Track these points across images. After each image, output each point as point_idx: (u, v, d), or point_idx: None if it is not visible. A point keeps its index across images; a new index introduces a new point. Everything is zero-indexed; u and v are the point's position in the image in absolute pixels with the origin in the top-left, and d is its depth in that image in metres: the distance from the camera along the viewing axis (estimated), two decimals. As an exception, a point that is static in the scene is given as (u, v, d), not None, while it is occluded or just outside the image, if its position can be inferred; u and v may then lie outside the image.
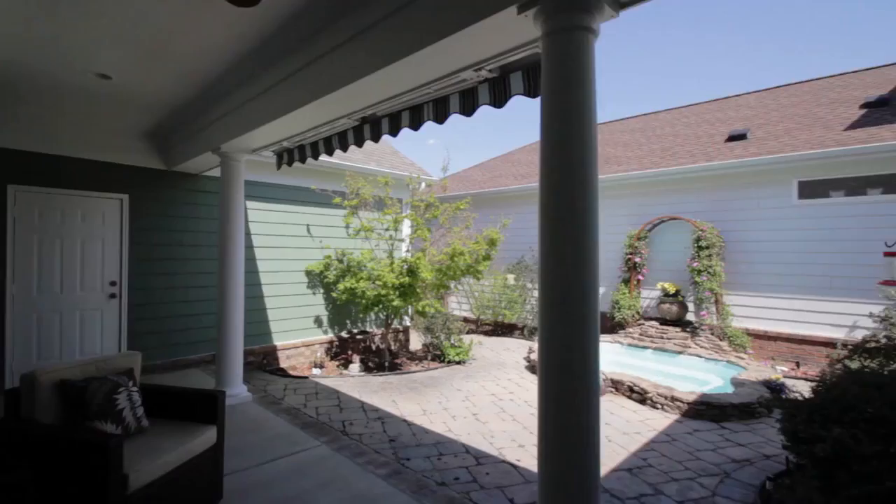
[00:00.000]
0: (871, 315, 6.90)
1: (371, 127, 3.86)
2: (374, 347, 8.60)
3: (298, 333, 7.81)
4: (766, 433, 4.83)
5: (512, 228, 9.45)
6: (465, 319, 10.92)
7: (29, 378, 2.83)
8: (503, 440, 4.61)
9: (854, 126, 7.79)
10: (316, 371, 7.09)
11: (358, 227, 7.59)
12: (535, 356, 7.60)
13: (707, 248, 8.25)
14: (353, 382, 6.61)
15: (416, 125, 3.61)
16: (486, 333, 11.28)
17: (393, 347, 8.94)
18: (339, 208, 8.17)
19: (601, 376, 6.50)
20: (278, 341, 7.57)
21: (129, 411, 3.04)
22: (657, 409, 5.60)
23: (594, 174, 2.39)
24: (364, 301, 7.18)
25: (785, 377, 6.80)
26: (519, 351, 9.23)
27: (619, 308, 9.25)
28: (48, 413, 2.83)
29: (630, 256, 9.37)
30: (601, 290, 10.44)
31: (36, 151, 5.86)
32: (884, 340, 7.01)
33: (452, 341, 8.36)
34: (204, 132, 5.41)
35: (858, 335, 7.20)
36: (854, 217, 7.33)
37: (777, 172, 8.00)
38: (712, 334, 8.12)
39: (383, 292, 6.70)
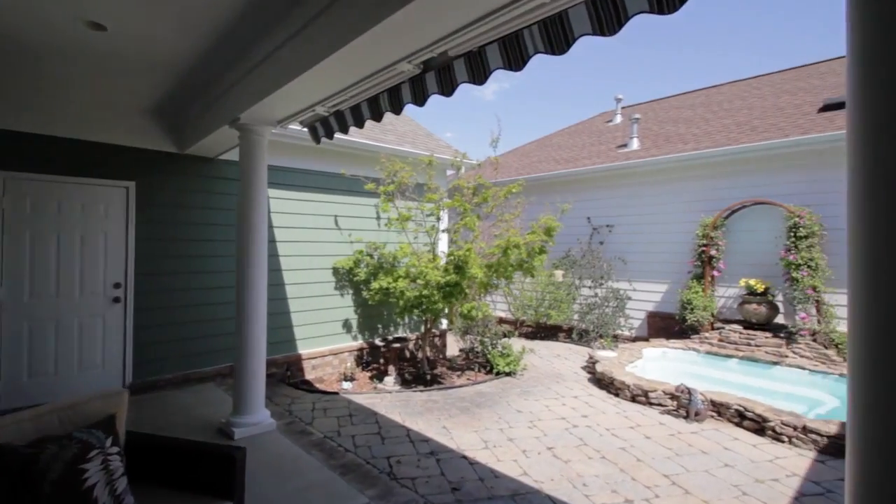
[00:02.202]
0: None
1: (439, 74, 2.76)
2: (408, 355, 7.57)
3: (325, 340, 6.84)
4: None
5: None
6: (501, 320, 9.80)
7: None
8: (599, 489, 3.50)
9: None
10: (346, 385, 6.10)
11: (395, 217, 6.56)
12: (600, 367, 6.44)
13: (807, 237, 6.92)
14: (391, 400, 5.58)
15: (485, 73, 2.53)
16: (527, 336, 10.14)
17: (429, 354, 7.90)
18: (370, 196, 7.15)
19: (698, 396, 5.32)
20: (303, 349, 6.61)
21: (104, 488, 2.04)
22: (782, 441, 4.38)
23: None
24: (402, 303, 6.15)
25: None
26: (572, 359, 8.07)
27: (691, 309, 7.97)
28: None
29: (704, 248, 8.07)
30: (664, 287, 9.19)
31: (27, 132, 5.01)
32: None
33: (500, 348, 7.26)
34: (220, 101, 4.42)
35: None
36: None
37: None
38: (814, 341, 6.79)
39: (425, 292, 5.63)
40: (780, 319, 7.52)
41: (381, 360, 7.17)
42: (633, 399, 5.63)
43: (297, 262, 6.55)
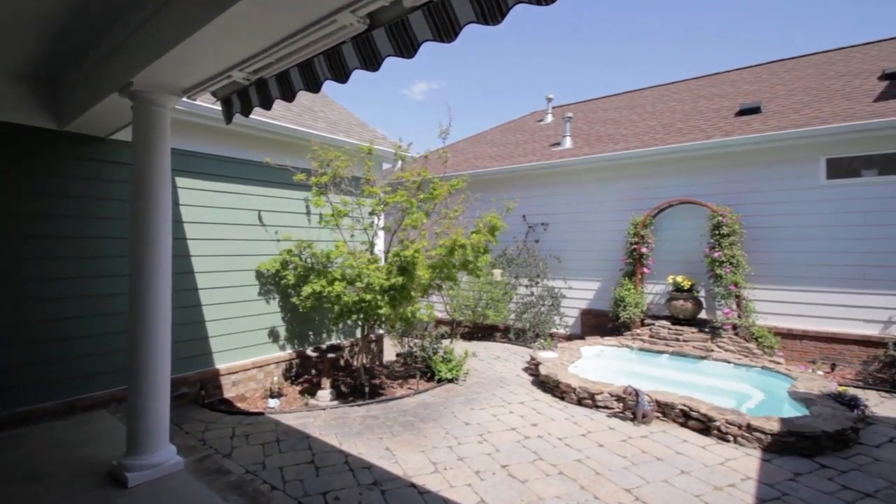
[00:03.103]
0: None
1: (391, 32, 2.22)
2: (343, 364, 6.95)
3: (248, 351, 6.03)
4: (881, 471, 3.76)
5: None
6: (439, 321, 9.46)
7: None
8: (563, 513, 3.23)
9: (884, 97, 7.03)
10: (272, 402, 5.38)
11: (328, 213, 5.90)
12: (544, 369, 6.29)
13: (729, 235, 7.27)
14: (326, 418, 4.98)
15: (455, 28, 2.07)
16: (465, 337, 9.90)
17: (366, 362, 7.34)
18: (300, 189, 6.43)
19: (645, 398, 5.30)
20: (222, 363, 5.76)
21: None
22: (728, 441, 4.43)
23: None
24: (338, 308, 5.55)
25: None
26: (512, 360, 7.92)
27: (623, 306, 8.14)
28: None
29: (635, 246, 8.27)
30: (597, 284, 9.36)
31: None
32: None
33: (442, 353, 6.89)
34: (108, 62, 3.49)
35: (895, 332, 6.49)
36: (890, 199, 6.56)
37: (803, 149, 7.13)
38: (736, 335, 7.17)
39: (367, 297, 5.08)
40: (703, 315, 7.89)
41: (314, 372, 6.49)
42: (580, 402, 5.52)
43: (213, 262, 5.67)
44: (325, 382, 5.64)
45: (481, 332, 10.29)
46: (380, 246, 7.25)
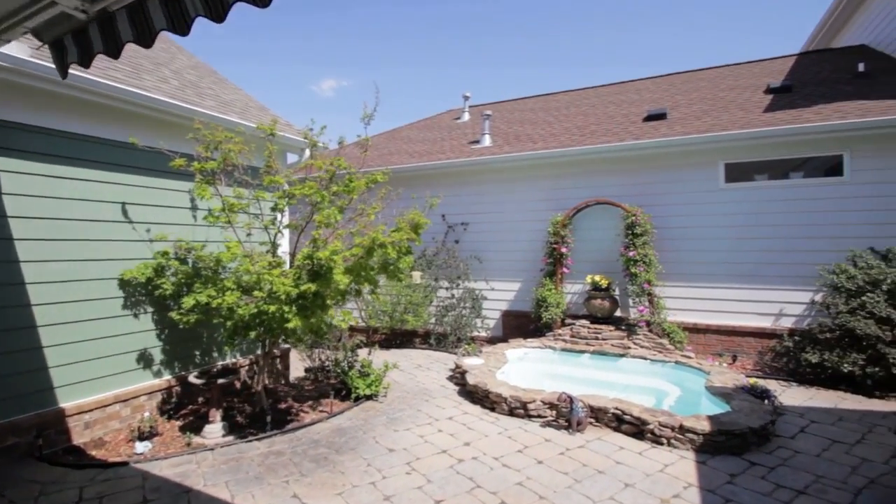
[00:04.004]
0: (812, 302, 6.73)
1: None
2: (239, 387, 5.92)
3: (109, 382, 4.79)
4: (804, 464, 3.82)
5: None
6: (353, 330, 8.68)
7: None
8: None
9: (771, 109, 7.67)
10: (141, 447, 4.26)
11: (218, 207, 4.89)
12: (471, 378, 5.86)
13: (642, 234, 7.44)
14: (215, 462, 4.02)
15: None
16: (381, 345, 9.20)
17: (269, 383, 6.35)
18: (181, 178, 5.32)
19: (579, 404, 5.04)
20: (69, 400, 4.48)
21: None
22: (662, 444, 4.29)
23: None
24: (231, 324, 4.58)
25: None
26: (435, 368, 7.42)
27: (545, 307, 8.02)
28: None
29: (555, 246, 8.21)
30: (517, 285, 9.21)
31: None
32: (817, 327, 6.97)
33: (359, 366, 6.15)
34: None
35: (785, 323, 7.04)
36: (777, 201, 7.14)
37: (705, 153, 7.53)
38: (650, 331, 7.34)
39: (271, 308, 4.19)
40: (619, 313, 8.04)
41: (201, 401, 5.39)
42: (511, 413, 5.14)
43: (55, 270, 4.39)
44: (215, 413, 4.63)
45: (399, 338, 9.66)
46: (285, 247, 6.33)
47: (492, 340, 9.00)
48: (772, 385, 6.07)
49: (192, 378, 4.74)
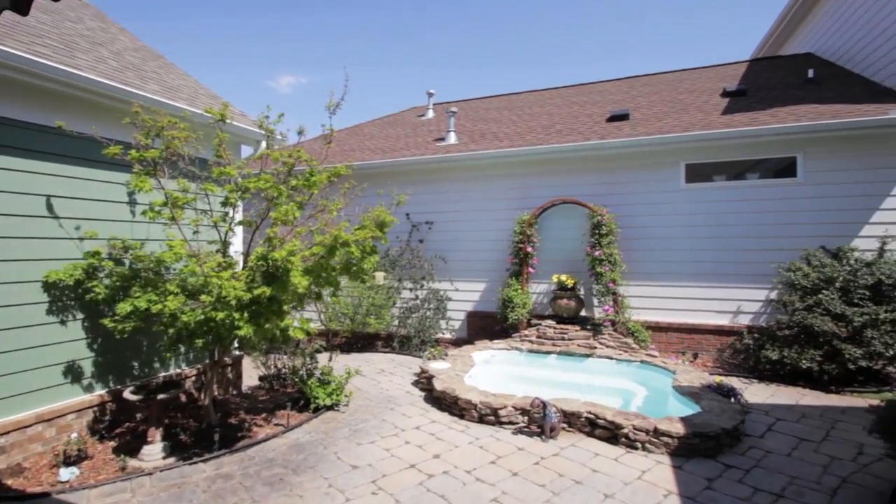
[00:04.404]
0: (768, 300, 6.91)
1: None
2: (185, 400, 5.39)
3: (28, 400, 4.19)
4: (777, 465, 3.81)
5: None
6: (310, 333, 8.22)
7: None
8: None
9: (729, 111, 7.86)
10: (66, 473, 3.73)
11: (161, 201, 4.38)
12: (439, 384, 5.60)
13: (607, 234, 7.44)
14: (153, 490, 3.56)
15: None
16: (342, 349, 8.77)
17: (218, 394, 5.85)
18: (117, 169, 4.77)
19: (552, 409, 4.87)
20: (-21, 422, 3.88)
21: None
22: (637, 448, 4.19)
23: None
24: (173, 332, 4.10)
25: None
26: (399, 373, 7.12)
27: (512, 307, 7.88)
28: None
29: (521, 246, 8.09)
30: (483, 285, 9.03)
31: None
32: (775, 324, 7.17)
33: (319, 373, 5.76)
34: None
35: (742, 320, 7.21)
36: (735, 201, 7.30)
37: (668, 154, 7.62)
38: (615, 331, 7.34)
39: (220, 315, 3.76)
40: (584, 312, 8.02)
41: (139, 418, 4.84)
42: (482, 420, 4.93)
43: (-41, 274, 3.78)
44: (155, 433, 4.14)
45: (361, 341, 9.27)
46: (238, 246, 5.85)
47: (457, 342, 8.79)
48: (733, 382, 6.16)
49: (127, 394, 4.22)
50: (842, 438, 4.26)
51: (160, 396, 4.14)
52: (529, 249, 8.06)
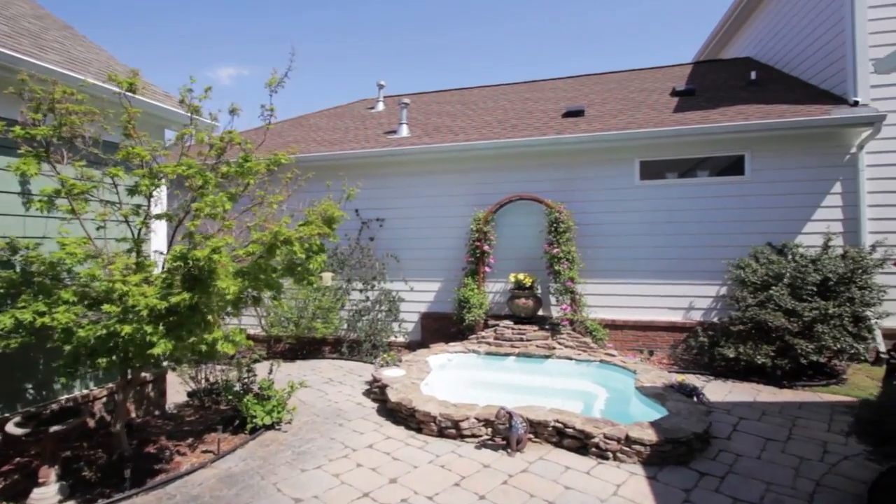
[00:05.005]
0: (719, 296, 6.99)
1: None
2: (93, 426, 4.58)
3: None
4: (750, 469, 3.68)
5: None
6: (250, 338, 7.47)
7: None
8: None
9: (680, 109, 7.93)
10: (-73, 531, 2.95)
11: (55, 189, 3.61)
12: (393, 394, 5.13)
13: (565, 231, 7.27)
14: (43, 543, 2.86)
15: None
16: (286, 357, 8.08)
17: (136, 414, 5.05)
18: (6, 152, 3.92)
19: (518, 420, 4.52)
20: None
21: None
22: (608, 458, 3.94)
23: None
24: (70, 349, 3.36)
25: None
26: (349, 382, 6.57)
27: (468, 308, 7.52)
28: None
29: (478, 244, 7.76)
30: (438, 285, 8.63)
31: None
32: (728, 320, 7.26)
33: (257, 388, 5.12)
34: None
35: (694, 316, 7.28)
36: (686, 198, 7.36)
37: (623, 150, 7.56)
38: (574, 330, 7.19)
39: (127, 329, 3.07)
40: (541, 312, 7.82)
41: (34, 452, 4.01)
42: (442, 433, 4.51)
43: None
44: (48, 472, 3.39)
45: (307, 347, 8.59)
46: (159, 244, 5.09)
47: (410, 346, 8.33)
48: (691, 379, 6.14)
49: (10, 427, 3.42)
50: (805, 437, 4.24)
51: (53, 428, 3.38)
52: (486, 248, 7.75)
